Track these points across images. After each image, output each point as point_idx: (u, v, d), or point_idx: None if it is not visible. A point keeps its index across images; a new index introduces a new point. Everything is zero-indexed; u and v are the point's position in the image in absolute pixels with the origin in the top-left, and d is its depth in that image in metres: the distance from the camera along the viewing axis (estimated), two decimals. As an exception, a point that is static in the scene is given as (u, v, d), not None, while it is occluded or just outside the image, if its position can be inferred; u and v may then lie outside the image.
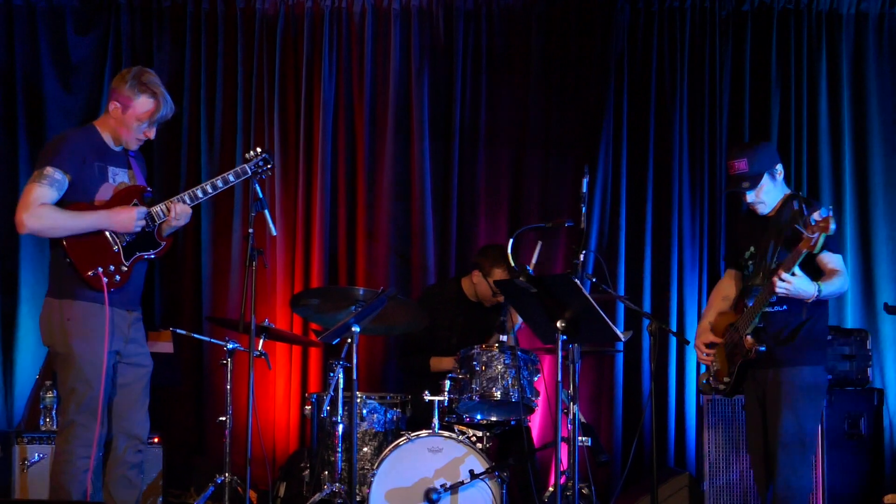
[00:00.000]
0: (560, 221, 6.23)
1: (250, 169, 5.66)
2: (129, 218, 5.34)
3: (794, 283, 5.18)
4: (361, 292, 6.25)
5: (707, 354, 5.76)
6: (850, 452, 6.94)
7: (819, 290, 5.27)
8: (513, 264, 5.68)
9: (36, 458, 6.65)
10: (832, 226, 4.97)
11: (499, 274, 6.98)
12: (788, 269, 5.16)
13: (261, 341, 6.58)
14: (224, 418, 6.54)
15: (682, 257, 8.13)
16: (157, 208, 5.44)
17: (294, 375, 8.02)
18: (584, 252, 5.82)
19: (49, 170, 5.24)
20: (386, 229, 8.13)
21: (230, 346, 6.60)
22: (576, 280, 5.36)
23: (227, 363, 6.59)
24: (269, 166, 5.72)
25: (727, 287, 5.92)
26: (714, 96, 8.24)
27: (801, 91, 8.19)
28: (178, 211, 5.46)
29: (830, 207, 5.03)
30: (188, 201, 5.51)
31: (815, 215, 5.02)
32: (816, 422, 5.63)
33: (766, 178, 5.52)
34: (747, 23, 8.25)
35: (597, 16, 8.24)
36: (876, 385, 7.51)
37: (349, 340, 6.00)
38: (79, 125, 7.90)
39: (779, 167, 5.59)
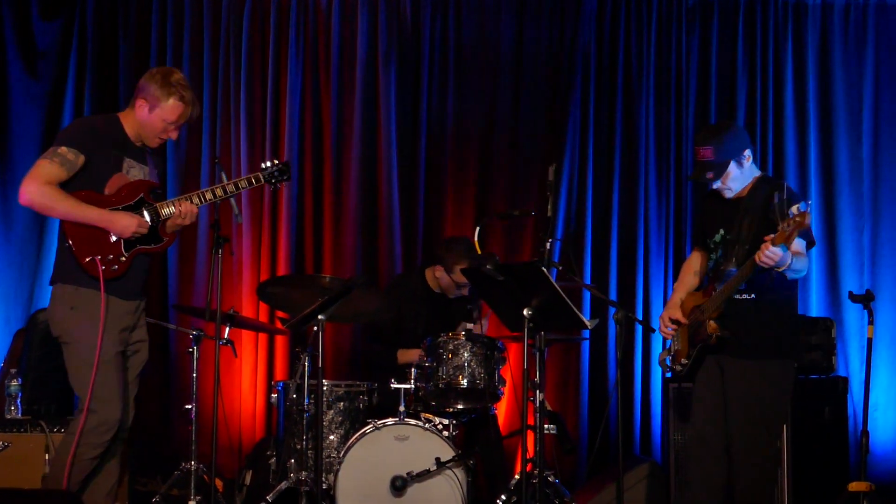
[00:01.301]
0: (527, 209, 6.24)
1: (265, 178, 5.69)
2: (128, 225, 5.29)
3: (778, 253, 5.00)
4: (328, 280, 6.23)
5: (670, 329, 5.70)
6: (815, 440, 6.96)
7: (792, 260, 5.09)
8: (479, 252, 5.66)
9: (1, 446, 6.59)
10: (808, 220, 4.84)
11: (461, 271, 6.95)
12: (777, 244, 4.96)
13: (227, 329, 6.58)
14: (190, 406, 6.50)
15: (648, 245, 8.16)
16: (166, 208, 5.42)
17: (260, 363, 8.00)
18: (550, 240, 5.81)
19: (63, 149, 5.25)
20: (353, 217, 8.11)
21: (195, 333, 6.59)
22: (543, 268, 5.36)
23: (193, 351, 6.56)
24: (285, 177, 5.75)
25: (696, 263, 5.84)
26: (680, 84, 8.27)
27: (767, 80, 8.23)
28: (184, 210, 5.44)
29: (809, 202, 4.92)
30: (196, 202, 5.50)
31: (794, 209, 4.89)
32: (784, 417, 5.59)
33: (732, 166, 5.38)
34: (714, 11, 8.28)
35: (567, 5, 8.25)
36: (840, 373, 7.55)
37: (315, 328, 5.99)
38: (45, 112, 7.87)
39: (747, 152, 5.43)
